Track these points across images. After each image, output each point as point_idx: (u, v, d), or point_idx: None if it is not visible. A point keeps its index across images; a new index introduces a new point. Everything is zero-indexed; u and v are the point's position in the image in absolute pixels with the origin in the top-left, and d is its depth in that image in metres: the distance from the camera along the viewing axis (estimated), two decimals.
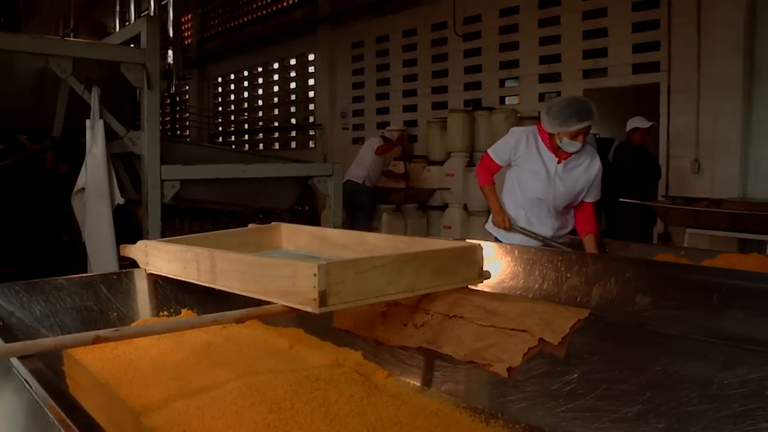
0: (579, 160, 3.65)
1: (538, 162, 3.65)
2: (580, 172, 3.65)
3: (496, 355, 1.59)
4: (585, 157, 3.67)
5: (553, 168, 3.63)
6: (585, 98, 3.69)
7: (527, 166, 3.68)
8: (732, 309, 1.94)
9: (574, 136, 3.49)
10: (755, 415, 1.17)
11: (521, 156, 3.69)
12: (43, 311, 2.05)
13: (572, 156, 3.61)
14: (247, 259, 1.84)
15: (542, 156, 3.65)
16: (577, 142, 3.50)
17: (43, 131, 5.59)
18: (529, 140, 3.68)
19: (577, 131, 3.48)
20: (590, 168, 3.66)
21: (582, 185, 3.66)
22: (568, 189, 3.64)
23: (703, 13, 6.99)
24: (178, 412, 1.47)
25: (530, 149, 3.67)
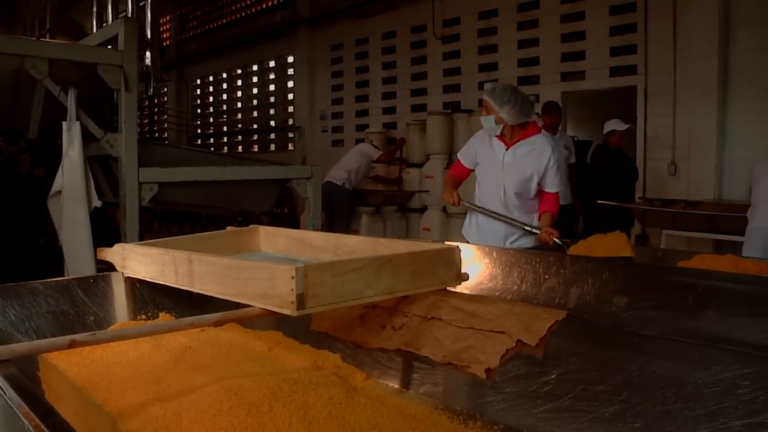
0: (529, 147, 3.81)
1: (490, 153, 3.90)
2: (530, 159, 3.79)
3: (475, 357, 1.59)
4: (536, 145, 3.82)
5: (502, 155, 3.85)
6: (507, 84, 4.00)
7: (482, 159, 3.95)
8: (707, 309, 1.96)
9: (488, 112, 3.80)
10: (728, 413, 1.19)
11: (478, 151, 3.96)
12: (18, 315, 2.03)
13: (520, 142, 3.81)
14: (225, 262, 1.83)
15: (493, 146, 3.89)
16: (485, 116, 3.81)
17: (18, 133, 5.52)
18: (484, 135, 3.95)
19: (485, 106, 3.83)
20: (541, 156, 3.78)
21: (531, 171, 3.78)
22: (516, 175, 3.79)
23: (679, 17, 7.07)
24: (156, 417, 1.46)
25: (484, 142, 3.94)
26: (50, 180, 4.83)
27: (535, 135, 3.86)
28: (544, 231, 3.58)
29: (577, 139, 8.02)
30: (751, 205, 4.94)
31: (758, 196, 4.88)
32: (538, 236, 3.63)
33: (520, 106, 3.75)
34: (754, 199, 4.91)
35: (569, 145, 6.76)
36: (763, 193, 4.83)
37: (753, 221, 4.85)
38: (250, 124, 14.34)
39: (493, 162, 3.88)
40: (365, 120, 11.12)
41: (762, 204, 4.81)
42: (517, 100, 3.75)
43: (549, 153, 3.79)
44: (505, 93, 3.76)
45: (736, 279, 2.26)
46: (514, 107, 3.74)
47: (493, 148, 3.89)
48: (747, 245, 4.79)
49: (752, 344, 1.60)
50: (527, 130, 3.86)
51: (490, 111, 3.78)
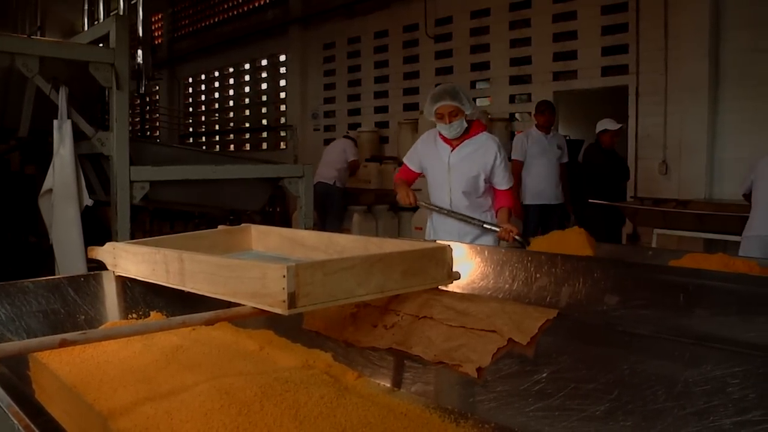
0: (473, 146, 3.84)
1: (436, 155, 3.90)
2: (475, 158, 3.81)
3: (466, 356, 1.59)
4: (480, 143, 3.84)
5: (447, 156, 3.86)
6: (451, 84, 3.96)
7: (429, 162, 3.94)
8: (697, 308, 1.97)
9: (440, 117, 3.76)
10: (718, 411, 1.19)
11: (424, 154, 3.96)
12: (8, 314, 2.02)
13: (464, 142, 3.83)
14: (217, 260, 1.83)
15: (438, 148, 3.90)
16: (443, 123, 3.76)
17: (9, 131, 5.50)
18: (429, 138, 3.99)
19: (438, 112, 3.75)
20: (486, 154, 3.80)
21: (478, 170, 3.80)
22: (463, 175, 3.81)
23: (670, 17, 7.10)
24: (147, 416, 1.46)
25: (429, 145, 3.95)
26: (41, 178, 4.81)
27: (479, 134, 3.88)
28: (503, 228, 3.61)
29: (569, 138, 8.03)
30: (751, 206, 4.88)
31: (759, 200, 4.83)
32: (498, 233, 3.66)
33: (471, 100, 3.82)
34: (754, 202, 4.85)
35: (562, 144, 6.77)
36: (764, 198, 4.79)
37: (750, 228, 4.79)
38: (242, 123, 14.31)
39: (440, 164, 3.89)
40: (357, 119, 11.12)
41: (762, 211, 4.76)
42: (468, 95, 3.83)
43: (495, 150, 3.81)
44: (460, 90, 3.79)
45: (726, 278, 2.27)
46: (471, 101, 3.81)
47: (438, 150, 3.90)
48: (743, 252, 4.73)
49: (742, 343, 1.61)
50: (472, 128, 3.87)
51: (456, 114, 3.74)
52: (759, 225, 4.73)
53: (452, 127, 3.77)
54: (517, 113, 9.01)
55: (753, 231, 4.75)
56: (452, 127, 3.77)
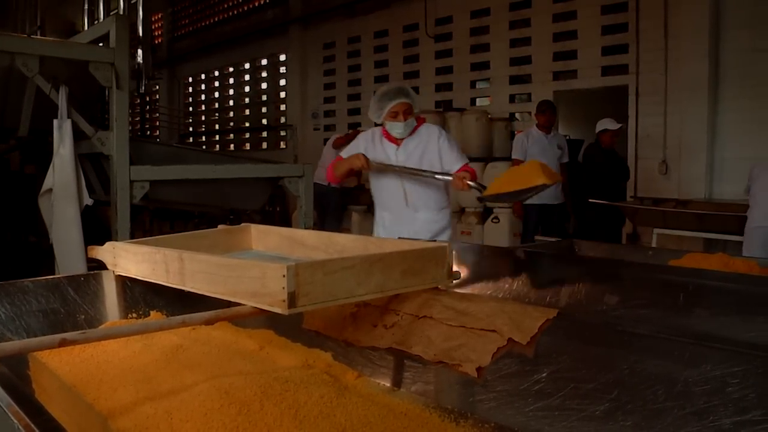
0: (417, 139, 3.79)
1: (382, 154, 3.81)
2: (421, 150, 3.76)
3: (466, 355, 1.59)
4: (423, 136, 3.80)
5: (393, 155, 3.79)
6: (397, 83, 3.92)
7: (375, 159, 3.80)
8: (697, 308, 1.97)
9: (393, 117, 3.68)
10: (718, 411, 1.19)
11: (368, 152, 3.82)
12: (8, 314, 2.02)
13: (408, 138, 3.77)
14: (216, 260, 1.83)
15: (384, 148, 3.82)
16: (397, 122, 3.69)
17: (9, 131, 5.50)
18: (374, 137, 3.88)
19: (393, 110, 3.67)
20: (430, 142, 3.77)
21: (429, 159, 3.75)
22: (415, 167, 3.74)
23: (670, 17, 7.10)
24: (147, 415, 1.46)
25: (375, 145, 3.85)
26: (41, 178, 4.81)
27: (420, 126, 3.84)
28: (455, 176, 3.56)
29: (569, 138, 8.03)
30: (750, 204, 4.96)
31: (757, 195, 4.91)
32: (451, 182, 3.60)
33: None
34: (752, 199, 4.93)
35: (562, 144, 6.77)
36: (762, 192, 4.85)
37: (752, 221, 4.88)
38: (242, 123, 14.31)
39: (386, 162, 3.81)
40: (357, 118, 11.12)
41: (761, 203, 4.83)
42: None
43: (436, 134, 3.79)
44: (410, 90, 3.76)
45: (726, 278, 2.27)
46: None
47: (385, 149, 3.84)
48: (747, 244, 4.82)
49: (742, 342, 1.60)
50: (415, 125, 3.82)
51: (410, 112, 3.71)
52: (759, 217, 4.79)
53: (407, 125, 3.72)
54: (517, 113, 9.01)
55: (754, 223, 4.83)
56: (407, 125, 3.72)
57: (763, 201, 4.84)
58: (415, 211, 3.80)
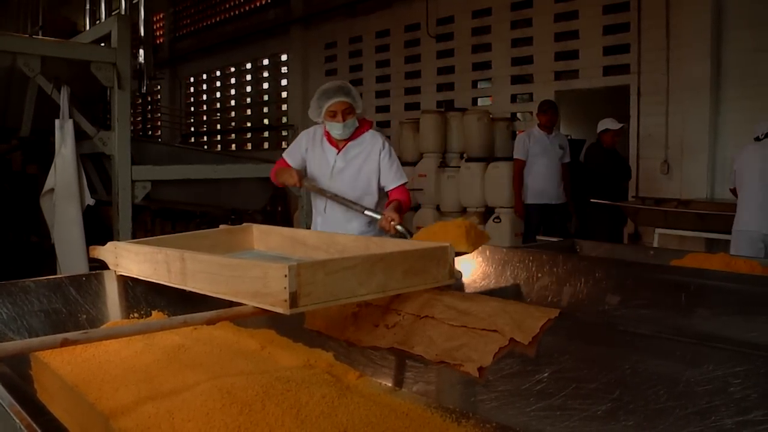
0: (359, 146, 3.56)
1: (321, 157, 3.59)
2: (362, 160, 3.54)
3: (467, 355, 1.59)
4: (366, 144, 3.57)
5: (333, 159, 3.56)
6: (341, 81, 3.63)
7: (313, 163, 3.62)
8: (699, 308, 1.97)
9: (332, 116, 3.44)
10: (720, 411, 1.19)
11: (309, 154, 3.63)
12: (9, 314, 2.02)
13: (350, 144, 3.55)
14: (218, 260, 1.83)
15: (324, 150, 3.59)
16: (335, 122, 3.44)
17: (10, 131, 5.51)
18: (315, 137, 3.65)
19: (331, 109, 3.42)
20: (372, 153, 3.54)
21: (367, 172, 3.52)
22: (350, 180, 3.52)
23: (672, 17, 7.09)
24: (148, 415, 1.46)
25: (315, 145, 3.63)
26: (43, 178, 4.83)
27: (365, 132, 3.60)
28: (384, 217, 3.28)
29: (571, 137, 8.02)
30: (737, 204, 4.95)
31: (744, 195, 4.89)
32: (378, 222, 3.34)
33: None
34: (740, 197, 4.92)
35: (564, 144, 6.76)
36: (749, 192, 4.84)
37: (739, 223, 4.86)
38: (243, 123, 14.30)
39: (324, 168, 3.58)
40: None
41: (748, 205, 4.82)
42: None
43: (379, 146, 3.55)
44: (351, 87, 3.54)
45: (727, 278, 2.27)
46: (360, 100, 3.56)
47: (324, 151, 3.61)
48: (734, 246, 4.80)
49: (743, 342, 1.61)
50: (359, 128, 3.59)
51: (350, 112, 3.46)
52: (747, 220, 4.78)
53: (346, 126, 3.47)
54: (518, 113, 9.01)
55: (741, 226, 4.81)
56: (346, 126, 3.47)
57: (751, 204, 4.82)
58: (347, 222, 3.55)
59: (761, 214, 4.72)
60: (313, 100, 3.51)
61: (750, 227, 4.75)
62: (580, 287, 2.20)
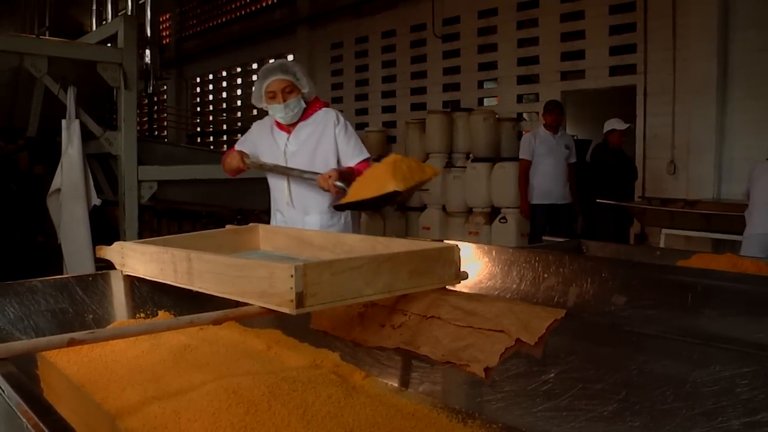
0: (311, 126, 3.29)
1: (272, 144, 3.35)
2: (315, 140, 3.27)
3: (474, 356, 1.59)
4: (317, 124, 3.30)
5: (284, 145, 3.30)
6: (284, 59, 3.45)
7: (265, 152, 3.36)
8: (706, 308, 1.96)
9: (272, 97, 3.19)
10: (727, 412, 1.19)
11: (258, 142, 3.40)
12: (16, 313, 2.03)
13: (301, 124, 3.28)
14: (224, 260, 1.83)
15: (274, 136, 3.35)
16: (275, 103, 3.19)
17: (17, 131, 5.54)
18: (265, 125, 3.43)
19: (270, 90, 3.19)
20: (325, 131, 3.27)
21: (323, 153, 3.25)
22: (306, 162, 3.23)
23: (679, 17, 7.07)
24: (155, 415, 1.46)
25: (265, 134, 3.39)
26: (49, 178, 4.84)
27: (318, 111, 3.34)
28: (321, 177, 3.06)
29: (577, 138, 8.02)
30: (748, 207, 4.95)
31: (756, 200, 4.90)
32: (317, 182, 3.10)
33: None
34: (752, 203, 4.92)
35: (570, 144, 6.76)
36: (761, 197, 4.85)
37: (750, 227, 4.87)
38: (249, 123, 14.28)
39: (276, 154, 3.31)
40: (365, 118, 11.12)
41: (760, 209, 4.83)
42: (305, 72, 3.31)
43: (333, 121, 3.28)
44: (295, 65, 3.29)
45: (734, 278, 2.26)
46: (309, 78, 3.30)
47: (275, 138, 3.34)
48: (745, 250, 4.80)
49: (751, 343, 1.60)
50: (309, 108, 3.32)
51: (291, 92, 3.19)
52: (759, 224, 4.79)
53: (287, 107, 3.19)
54: (524, 113, 9.00)
55: (753, 230, 4.82)
56: (287, 107, 3.19)
57: (763, 206, 4.82)
58: (304, 214, 3.31)
59: None
60: (255, 83, 3.28)
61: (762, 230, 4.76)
62: (587, 287, 2.20)
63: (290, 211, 3.33)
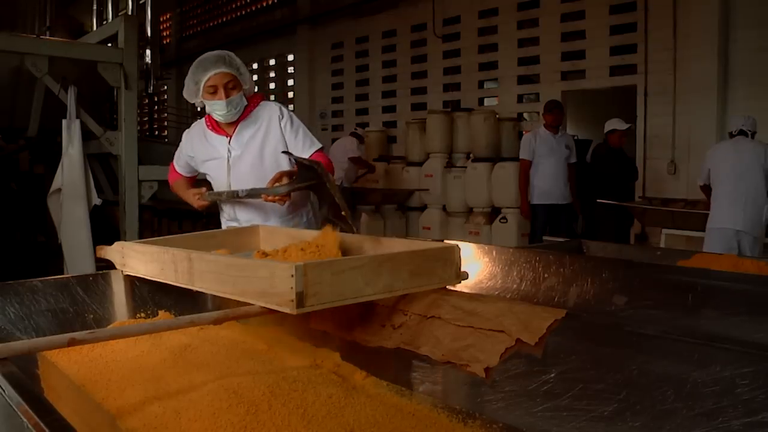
0: (254, 125, 2.95)
1: (211, 151, 2.99)
2: (260, 139, 2.93)
3: (474, 356, 1.59)
4: (260, 121, 2.95)
5: (225, 148, 2.95)
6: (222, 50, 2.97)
7: (203, 162, 3.04)
8: (706, 308, 1.97)
9: (212, 92, 2.82)
10: (727, 412, 1.18)
11: (193, 153, 3.06)
12: (17, 313, 2.03)
13: (241, 124, 2.93)
14: (225, 260, 1.83)
15: (211, 142, 3.00)
16: (217, 99, 2.82)
17: (18, 131, 5.54)
18: (195, 133, 3.07)
19: (210, 84, 2.82)
20: (270, 126, 2.93)
21: (272, 152, 2.92)
22: (254, 165, 2.92)
23: (679, 17, 7.08)
24: (155, 415, 1.46)
25: (198, 142, 3.04)
26: (50, 178, 4.84)
27: (257, 106, 2.98)
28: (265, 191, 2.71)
29: (577, 138, 8.02)
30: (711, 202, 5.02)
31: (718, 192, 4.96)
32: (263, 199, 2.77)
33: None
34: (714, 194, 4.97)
35: (570, 144, 6.75)
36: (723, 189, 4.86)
37: (713, 221, 4.91)
38: None
39: (218, 163, 2.98)
40: (365, 118, 11.12)
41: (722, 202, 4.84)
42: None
43: (277, 116, 2.94)
44: (235, 57, 2.92)
45: (735, 278, 2.26)
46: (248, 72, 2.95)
47: (212, 144, 2.99)
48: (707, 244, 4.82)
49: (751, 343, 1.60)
50: (249, 105, 2.96)
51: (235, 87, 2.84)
52: (720, 218, 4.81)
53: (231, 104, 2.83)
54: (525, 113, 9.00)
55: (715, 224, 4.83)
56: (231, 104, 2.83)
57: (725, 202, 4.87)
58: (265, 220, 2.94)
59: (734, 211, 4.75)
60: (188, 77, 2.87)
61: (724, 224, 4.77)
62: (587, 288, 2.20)
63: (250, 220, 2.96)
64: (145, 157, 4.87)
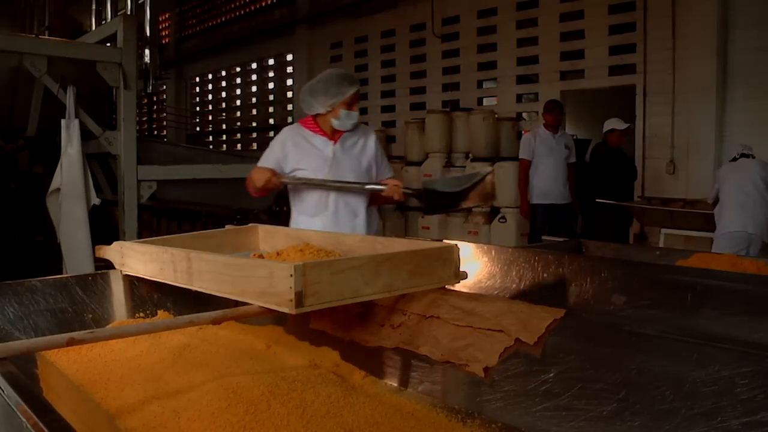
0: (354, 138, 3.40)
1: (314, 152, 3.33)
2: (359, 150, 3.39)
3: (473, 355, 1.59)
4: (359, 134, 3.42)
5: (331, 151, 3.32)
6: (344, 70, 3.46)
7: (303, 161, 3.33)
8: (705, 308, 1.97)
9: (350, 105, 3.28)
10: (726, 412, 1.19)
11: (292, 156, 3.35)
12: (16, 313, 2.03)
13: (346, 134, 3.36)
14: (224, 259, 1.83)
15: (315, 144, 3.34)
16: (353, 111, 3.30)
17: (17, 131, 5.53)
18: (294, 137, 3.38)
19: (352, 97, 3.28)
20: (367, 144, 3.42)
21: (367, 162, 3.39)
22: (352, 170, 3.33)
23: (678, 16, 7.07)
24: (154, 415, 1.46)
25: (299, 144, 3.35)
26: (49, 177, 4.84)
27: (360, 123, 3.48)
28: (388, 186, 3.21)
29: (576, 137, 8.02)
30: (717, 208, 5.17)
31: (725, 200, 5.09)
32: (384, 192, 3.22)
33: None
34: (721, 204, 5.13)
35: (570, 144, 6.75)
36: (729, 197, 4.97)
37: (721, 226, 5.05)
38: (249, 122, 14.31)
39: (320, 160, 3.31)
40: (364, 118, 11.09)
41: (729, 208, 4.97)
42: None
43: (374, 138, 3.47)
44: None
45: (734, 278, 2.26)
46: None
47: (315, 145, 3.34)
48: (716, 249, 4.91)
49: (750, 343, 1.60)
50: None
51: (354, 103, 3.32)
52: (732, 222, 4.93)
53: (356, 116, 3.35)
54: (524, 112, 9.00)
55: (724, 228, 4.97)
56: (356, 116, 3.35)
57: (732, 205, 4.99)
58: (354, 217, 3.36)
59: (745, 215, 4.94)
60: (324, 90, 3.27)
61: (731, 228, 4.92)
62: (586, 287, 2.20)
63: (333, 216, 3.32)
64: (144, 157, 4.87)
